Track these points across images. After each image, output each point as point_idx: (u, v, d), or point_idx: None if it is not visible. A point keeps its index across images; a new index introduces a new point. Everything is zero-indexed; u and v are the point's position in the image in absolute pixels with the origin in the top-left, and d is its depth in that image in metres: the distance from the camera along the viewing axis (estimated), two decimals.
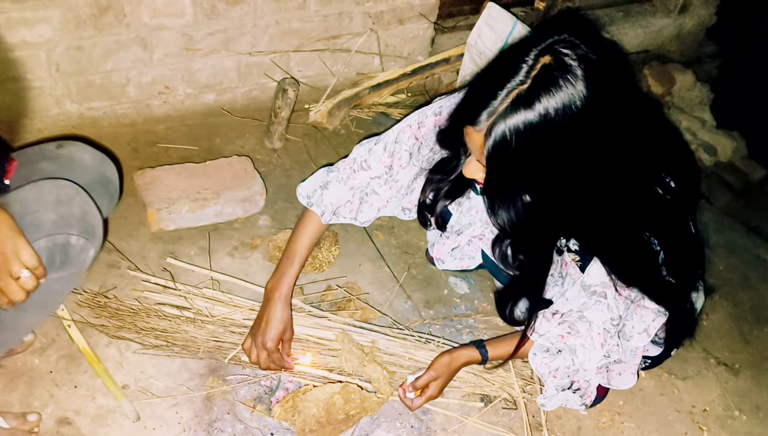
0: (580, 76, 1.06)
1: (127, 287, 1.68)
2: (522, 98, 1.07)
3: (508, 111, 1.08)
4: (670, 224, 1.31)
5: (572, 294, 1.37)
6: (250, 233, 1.93)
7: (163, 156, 2.10)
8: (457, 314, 1.84)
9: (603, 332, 1.36)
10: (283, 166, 2.18)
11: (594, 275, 1.34)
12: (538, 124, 1.07)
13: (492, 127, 1.10)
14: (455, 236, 1.66)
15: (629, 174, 1.19)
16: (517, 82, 1.08)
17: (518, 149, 1.10)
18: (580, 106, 1.06)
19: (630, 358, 1.43)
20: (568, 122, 1.07)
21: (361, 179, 1.55)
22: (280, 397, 1.53)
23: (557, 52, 1.07)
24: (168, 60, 2.13)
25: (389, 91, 2.46)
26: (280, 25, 2.24)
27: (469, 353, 1.53)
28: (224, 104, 2.32)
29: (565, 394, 1.47)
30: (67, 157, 1.41)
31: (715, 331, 1.97)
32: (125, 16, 1.97)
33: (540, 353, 1.47)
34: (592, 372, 1.43)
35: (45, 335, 1.56)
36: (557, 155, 1.11)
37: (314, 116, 2.32)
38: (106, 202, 1.45)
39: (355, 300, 1.77)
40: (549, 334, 1.42)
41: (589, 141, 1.11)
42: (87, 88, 2.07)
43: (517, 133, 1.08)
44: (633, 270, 1.30)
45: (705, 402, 1.77)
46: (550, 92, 1.06)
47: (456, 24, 2.65)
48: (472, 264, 1.72)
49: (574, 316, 1.38)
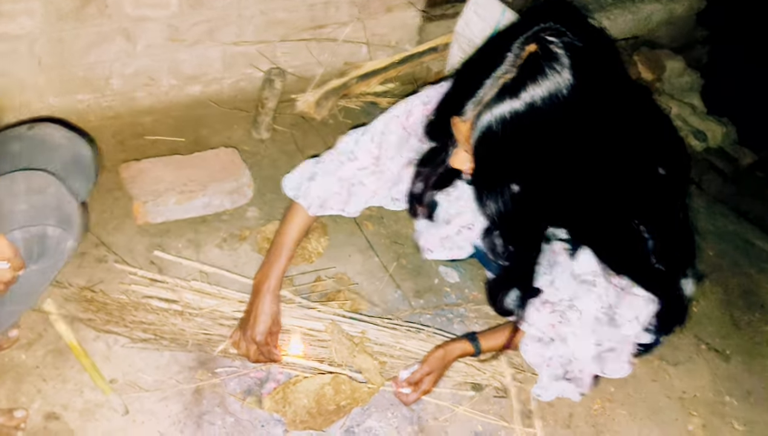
0: (566, 64, 1.04)
1: (114, 281, 1.67)
2: (508, 88, 1.06)
3: (493, 101, 1.07)
4: (659, 212, 1.30)
5: (562, 283, 1.37)
6: (238, 225, 1.91)
7: (149, 148, 2.08)
8: (448, 303, 1.83)
9: (594, 320, 1.36)
10: (271, 156, 2.16)
11: (584, 264, 1.33)
12: (524, 113, 1.05)
13: (478, 118, 1.09)
14: (444, 226, 1.65)
15: (617, 162, 1.18)
16: (503, 72, 1.07)
17: (504, 139, 1.09)
18: (566, 94, 1.05)
19: (623, 346, 1.42)
20: (555, 111, 1.05)
21: (349, 170, 1.53)
22: (270, 389, 1.53)
23: (543, 41, 1.06)
24: (152, 51, 2.11)
25: (377, 80, 2.44)
26: (265, 14, 2.21)
27: (462, 346, 1.53)
28: (210, 95, 2.30)
29: (561, 384, 1.47)
30: (39, 138, 1.38)
31: (706, 317, 1.97)
32: (107, 7, 1.95)
33: (532, 344, 1.46)
34: (586, 361, 1.43)
35: (32, 329, 1.54)
36: (544, 144, 1.10)
37: (302, 106, 2.30)
38: (82, 183, 1.42)
39: (345, 291, 1.76)
40: (539, 323, 1.41)
41: (576, 130, 1.10)
42: (70, 80, 2.04)
43: (504, 122, 1.07)
44: (622, 258, 1.30)
45: (696, 388, 1.78)
46: (536, 81, 1.04)
47: (444, 12, 2.63)
48: (462, 254, 1.71)
49: (564, 305, 1.37)
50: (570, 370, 1.46)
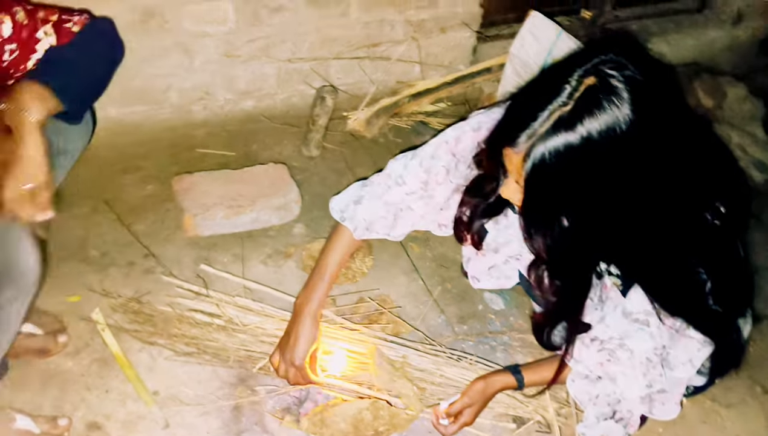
0: (626, 98, 1.01)
1: (161, 293, 1.69)
2: (564, 121, 1.03)
3: (548, 133, 1.04)
4: (717, 251, 1.24)
5: (613, 320, 1.32)
6: (284, 241, 1.92)
7: (201, 161, 2.11)
8: (492, 331, 1.79)
9: (645, 361, 1.30)
10: (320, 174, 2.17)
11: (636, 302, 1.28)
12: (579, 147, 1.03)
13: (531, 150, 1.06)
14: (492, 254, 1.62)
15: (675, 199, 1.14)
16: (559, 104, 1.04)
17: (558, 173, 1.06)
18: (624, 129, 1.01)
19: (674, 388, 1.37)
20: (612, 146, 1.02)
21: (396, 195, 1.52)
22: (308, 409, 1.52)
23: (602, 73, 1.03)
24: (209, 66, 2.15)
25: (429, 100, 2.43)
26: (320, 32, 2.23)
27: (505, 378, 1.49)
28: (263, 111, 2.33)
29: (608, 423, 1.41)
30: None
31: (762, 358, 1.88)
32: (167, 22, 2.00)
33: (579, 380, 1.42)
34: (634, 402, 1.38)
35: (79, 338, 1.58)
36: (598, 180, 1.07)
37: (352, 124, 2.30)
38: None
39: (387, 313, 1.74)
40: (587, 361, 1.37)
41: (632, 166, 1.06)
42: (129, 92, 2.10)
43: (558, 156, 1.04)
44: (677, 299, 1.25)
45: (749, 431, 1.69)
46: (594, 115, 1.01)
47: (499, 33, 2.61)
48: (509, 284, 1.67)
49: (614, 343, 1.32)
50: (618, 410, 1.40)
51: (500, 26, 2.63)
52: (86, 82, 1.36)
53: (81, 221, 1.86)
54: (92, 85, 1.40)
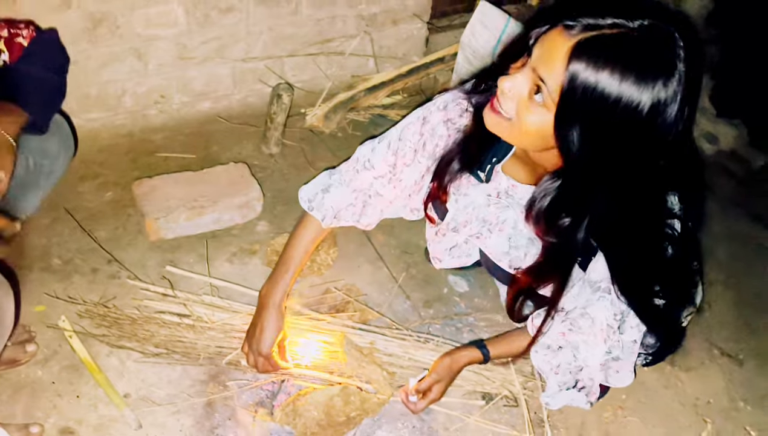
0: (676, 77, 1.03)
1: (126, 296, 1.70)
2: (626, 39, 1.02)
3: (609, 39, 1.02)
4: (676, 235, 1.27)
5: (578, 290, 1.35)
6: (248, 239, 1.94)
7: (161, 165, 2.11)
8: (457, 313, 1.84)
9: (606, 327, 1.34)
10: (281, 170, 2.19)
11: (600, 271, 1.31)
12: (620, 95, 1.02)
13: (586, 43, 1.02)
14: (451, 234, 1.65)
15: (664, 169, 1.16)
16: (628, 25, 1.02)
17: (593, 99, 1.03)
18: (664, 100, 1.03)
19: (627, 355, 1.41)
20: (646, 112, 1.03)
21: (364, 180, 1.53)
22: (281, 401, 1.54)
23: (671, 37, 1.04)
24: (163, 69, 2.15)
25: (385, 92, 2.46)
26: (273, 30, 2.25)
27: (471, 353, 1.53)
28: (220, 112, 2.34)
29: (570, 393, 1.46)
30: None
31: (718, 321, 1.95)
32: (118, 28, 1.99)
33: (541, 350, 1.46)
34: (595, 369, 1.43)
35: (47, 346, 1.58)
36: (618, 129, 1.06)
37: (310, 120, 2.33)
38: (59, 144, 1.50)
39: (353, 302, 1.77)
40: (550, 331, 1.41)
41: (651, 133, 1.07)
42: (84, 100, 2.09)
43: (602, 90, 1.02)
44: (632, 276, 1.28)
45: (709, 394, 1.76)
46: (647, 69, 1.01)
47: (450, 23, 2.65)
48: (469, 261, 1.69)
49: (576, 312, 1.36)
50: (580, 379, 1.45)
51: (451, 16, 2.67)
52: (45, 92, 1.39)
53: (42, 230, 1.85)
54: (51, 93, 1.42)
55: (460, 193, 1.54)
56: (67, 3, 1.88)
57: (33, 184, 1.53)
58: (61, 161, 1.54)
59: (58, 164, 1.54)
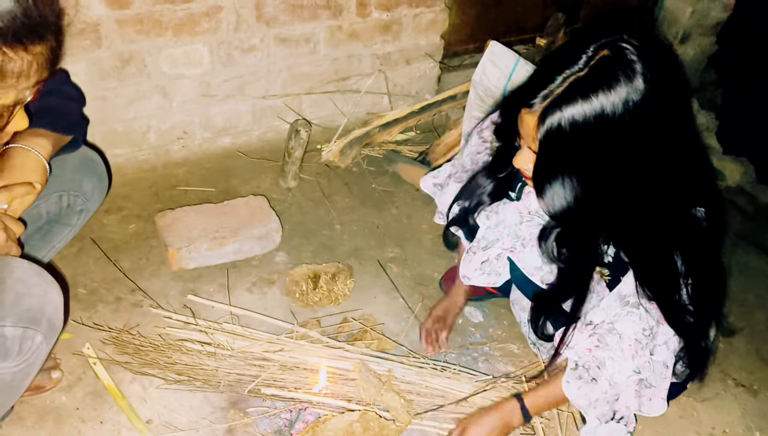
0: (638, 71, 1.10)
1: (149, 324, 1.74)
2: (578, 84, 1.12)
3: (563, 95, 1.13)
4: (701, 251, 1.31)
5: (607, 303, 1.36)
6: (267, 269, 1.98)
7: (182, 198, 2.17)
8: (473, 343, 1.86)
9: (634, 342, 1.33)
10: (298, 203, 2.25)
11: (630, 285, 1.33)
12: (591, 113, 1.12)
13: (546, 112, 1.15)
14: (481, 252, 1.67)
15: (676, 180, 1.22)
16: (575, 70, 1.13)
17: (570, 133, 1.14)
18: (636, 100, 1.11)
19: (660, 381, 1.41)
20: (623, 116, 1.11)
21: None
22: (300, 429, 1.56)
23: (617, 46, 1.12)
24: (186, 106, 2.23)
25: (399, 129, 2.53)
26: (291, 69, 2.33)
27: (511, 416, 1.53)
28: (240, 147, 2.41)
29: (610, 426, 1.44)
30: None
31: (732, 352, 1.97)
32: (146, 67, 2.08)
33: (573, 381, 1.43)
34: (629, 396, 1.42)
35: (72, 373, 1.61)
36: (606, 145, 1.15)
37: (327, 155, 2.39)
38: (93, 183, 1.53)
39: (371, 331, 1.80)
40: (578, 347, 1.39)
41: (640, 136, 1.14)
42: (110, 136, 2.17)
43: (572, 118, 1.13)
44: (661, 284, 1.31)
45: (725, 424, 1.77)
46: (607, 83, 1.11)
47: (461, 62, 2.74)
48: (498, 281, 1.69)
49: (604, 328, 1.36)
50: (617, 409, 1.43)
51: (462, 56, 2.76)
52: (70, 114, 1.44)
53: (68, 261, 1.90)
54: (75, 114, 1.48)
55: (492, 211, 1.58)
56: (97, 43, 1.97)
57: (65, 222, 1.57)
58: (95, 200, 1.58)
59: (91, 203, 1.57)
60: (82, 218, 1.58)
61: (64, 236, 1.60)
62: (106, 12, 1.94)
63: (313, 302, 1.88)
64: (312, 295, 1.88)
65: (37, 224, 1.51)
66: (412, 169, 2.36)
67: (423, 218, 2.25)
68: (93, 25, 1.94)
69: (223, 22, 2.12)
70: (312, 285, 1.89)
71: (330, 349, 1.70)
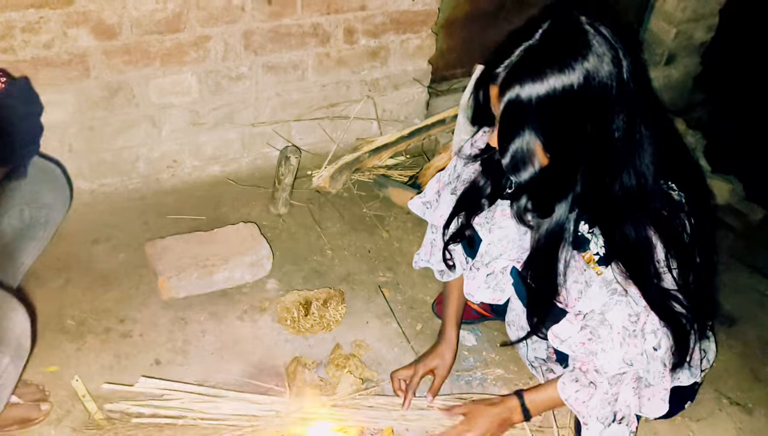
0: (590, 40, 1.18)
1: (138, 366, 1.71)
2: (531, 52, 1.20)
3: (517, 64, 1.21)
4: (678, 230, 1.35)
5: (594, 291, 1.36)
6: (258, 297, 1.97)
7: (172, 227, 2.17)
8: (467, 368, 1.85)
9: (622, 330, 1.35)
10: (289, 230, 2.24)
11: (616, 270, 1.34)
12: (542, 78, 1.18)
13: (504, 81, 1.22)
14: (484, 268, 1.66)
15: (630, 144, 1.26)
16: (532, 42, 1.21)
17: (524, 99, 1.20)
18: (589, 68, 1.17)
19: (658, 380, 1.42)
20: (575, 81, 1.18)
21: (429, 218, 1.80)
22: None
23: (572, 18, 1.21)
24: (176, 135, 2.23)
25: (388, 154, 2.54)
26: (280, 96, 2.35)
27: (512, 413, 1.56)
28: (230, 174, 2.41)
29: (612, 428, 1.45)
30: None
31: (726, 371, 1.96)
32: (134, 97, 2.08)
33: (569, 383, 1.45)
34: (629, 395, 1.42)
35: (60, 405, 1.59)
36: (559, 110, 1.20)
37: (317, 181, 2.40)
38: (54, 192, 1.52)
39: (353, 358, 1.77)
40: (571, 340, 1.41)
41: (592, 100, 1.20)
42: (99, 165, 2.16)
43: (527, 84, 1.19)
44: (630, 254, 1.33)
45: None
46: (561, 51, 1.18)
47: (449, 87, 2.76)
48: (502, 298, 1.65)
49: (596, 320, 1.37)
50: (618, 409, 1.44)
51: (450, 81, 2.79)
52: (24, 132, 1.42)
53: (56, 292, 1.89)
54: (30, 132, 1.46)
55: (495, 225, 1.58)
56: (85, 73, 1.98)
57: (30, 236, 1.54)
58: (57, 210, 1.55)
59: (54, 214, 1.55)
60: (47, 230, 1.55)
61: (31, 252, 1.57)
62: (93, 43, 1.94)
63: (304, 329, 1.86)
64: (304, 321, 1.87)
65: (1, 241, 1.48)
66: (403, 193, 2.36)
67: (414, 242, 2.25)
68: (80, 56, 1.95)
69: (212, 51, 2.13)
70: (303, 312, 1.88)
71: (328, 409, 1.63)
